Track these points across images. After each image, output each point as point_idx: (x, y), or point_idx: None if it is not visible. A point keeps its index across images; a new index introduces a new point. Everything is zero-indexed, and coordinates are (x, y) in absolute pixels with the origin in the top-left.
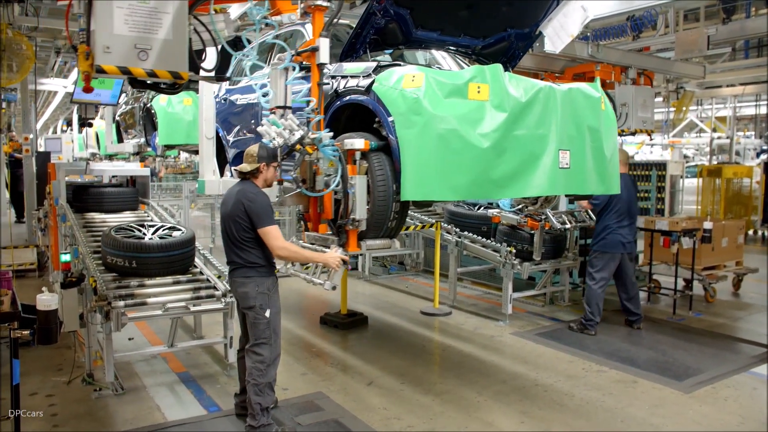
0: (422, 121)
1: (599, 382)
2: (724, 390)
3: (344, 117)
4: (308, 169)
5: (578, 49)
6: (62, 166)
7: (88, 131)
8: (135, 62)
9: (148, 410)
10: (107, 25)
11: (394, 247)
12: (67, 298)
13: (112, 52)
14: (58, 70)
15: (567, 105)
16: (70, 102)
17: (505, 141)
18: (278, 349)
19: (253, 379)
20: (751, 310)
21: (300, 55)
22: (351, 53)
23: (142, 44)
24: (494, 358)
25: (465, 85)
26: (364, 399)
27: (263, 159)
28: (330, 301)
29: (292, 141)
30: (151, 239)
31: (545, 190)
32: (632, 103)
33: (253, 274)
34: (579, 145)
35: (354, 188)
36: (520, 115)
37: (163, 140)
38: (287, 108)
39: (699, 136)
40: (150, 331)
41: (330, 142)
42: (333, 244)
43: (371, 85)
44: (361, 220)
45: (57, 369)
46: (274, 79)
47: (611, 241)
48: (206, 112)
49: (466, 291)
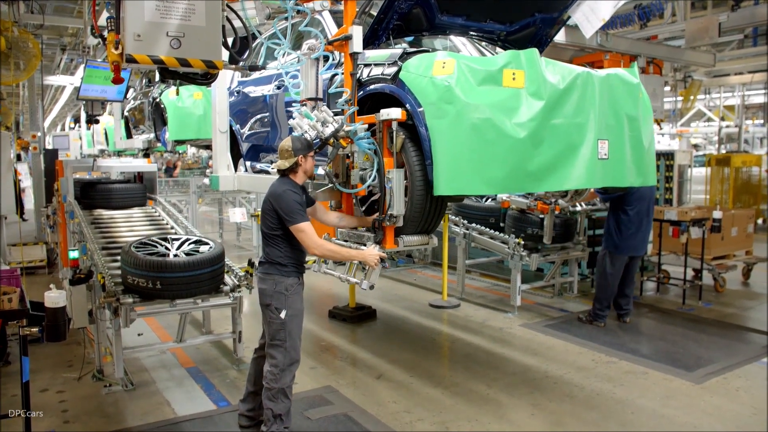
0: (454, 110)
1: (609, 373)
2: (735, 380)
3: (366, 108)
4: (341, 163)
5: (587, 37)
6: (70, 163)
7: (95, 128)
8: (167, 51)
9: (158, 405)
10: (138, 11)
11: (432, 243)
12: (76, 294)
13: (143, 40)
14: (65, 68)
15: (605, 92)
16: (77, 99)
17: (543, 131)
18: (295, 354)
19: (267, 383)
20: (761, 300)
21: (332, 44)
22: (373, 40)
23: (175, 32)
24: (504, 350)
25: (499, 71)
26: (373, 392)
27: (299, 151)
28: (338, 295)
29: (326, 134)
30: (176, 256)
31: (584, 183)
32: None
33: (273, 272)
34: (617, 135)
35: (391, 182)
36: (558, 102)
37: (174, 135)
38: (319, 100)
39: (707, 125)
40: (159, 327)
41: (365, 135)
42: (369, 241)
43: (398, 72)
44: (399, 215)
45: (67, 365)
46: (305, 70)
47: (628, 246)
48: (219, 105)
49: (475, 283)
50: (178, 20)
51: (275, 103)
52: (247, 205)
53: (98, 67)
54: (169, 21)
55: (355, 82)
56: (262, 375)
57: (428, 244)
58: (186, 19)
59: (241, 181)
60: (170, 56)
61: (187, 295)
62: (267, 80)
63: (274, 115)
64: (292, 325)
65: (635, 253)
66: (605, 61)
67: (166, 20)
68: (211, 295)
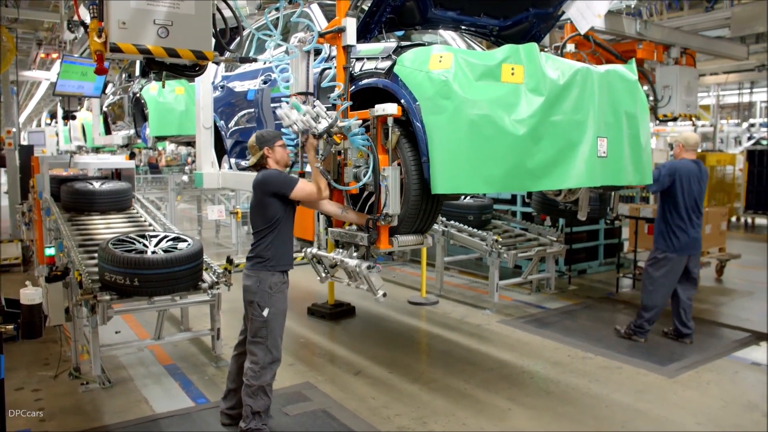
0: (452, 106)
1: (585, 368)
2: (706, 374)
3: (357, 104)
4: (333, 160)
5: (626, 25)
6: (46, 159)
7: (72, 123)
8: (154, 40)
9: (136, 403)
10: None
11: (426, 243)
12: (52, 292)
13: (128, 28)
14: (40, 63)
15: (604, 89)
16: (53, 94)
17: (542, 127)
18: (276, 353)
19: (247, 380)
20: (733, 296)
21: (324, 37)
22: (365, 34)
23: (163, 20)
24: (481, 346)
25: (498, 66)
26: (352, 389)
27: (264, 143)
28: (317, 292)
29: (319, 129)
30: (154, 252)
31: (583, 181)
32: (676, 85)
33: (258, 269)
34: (616, 133)
35: (387, 180)
36: (558, 99)
37: (155, 131)
38: (310, 94)
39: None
40: (137, 324)
41: (360, 131)
42: (362, 241)
43: (392, 66)
44: (394, 215)
45: (43, 363)
46: (296, 63)
47: (684, 242)
48: (204, 99)
49: (453, 280)
50: (166, 7)
51: (261, 98)
52: (226, 203)
53: (75, 63)
54: (157, 8)
55: (348, 76)
56: (242, 372)
57: (423, 244)
58: (174, 7)
59: (226, 179)
60: (157, 46)
61: (165, 292)
62: (253, 75)
63: (260, 110)
64: (274, 323)
65: (693, 251)
66: (638, 51)
67: (153, 7)
68: (190, 292)
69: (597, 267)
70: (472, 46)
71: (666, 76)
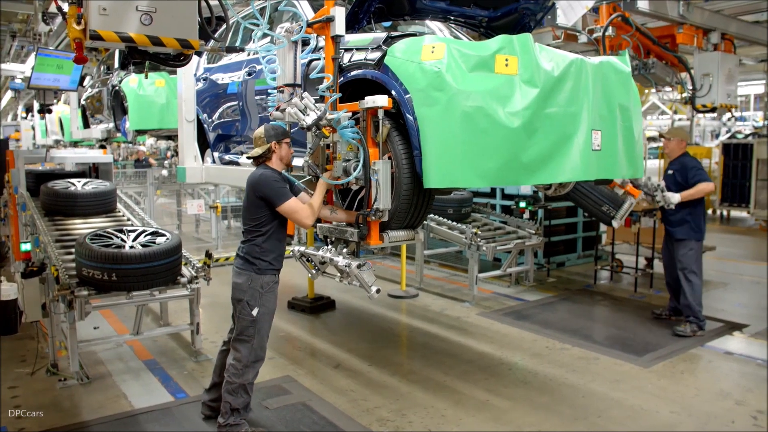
0: (445, 97)
1: (562, 359)
2: (680, 364)
3: (345, 96)
4: (321, 154)
5: (669, 7)
6: (21, 153)
7: (49, 117)
8: (137, 27)
9: (115, 398)
10: None
11: (417, 238)
12: (29, 287)
13: (110, 14)
14: (15, 55)
15: (598, 81)
16: (27, 87)
17: (537, 120)
18: (261, 352)
19: (228, 377)
20: (708, 287)
21: (312, 27)
22: (353, 24)
23: (146, 6)
24: (460, 338)
25: (492, 56)
26: (331, 381)
27: (273, 137)
28: (297, 286)
29: (307, 122)
30: (132, 247)
31: (579, 175)
32: (717, 73)
33: (249, 268)
34: (610, 125)
35: (377, 174)
36: (552, 91)
37: (135, 125)
38: (298, 86)
39: (660, 119)
40: (115, 320)
41: (350, 123)
42: (352, 237)
43: (383, 57)
44: (385, 209)
45: (20, 360)
46: (283, 54)
47: (702, 228)
48: (186, 92)
49: (433, 273)
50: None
51: (245, 90)
52: (205, 197)
53: (50, 55)
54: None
55: (336, 67)
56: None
57: (414, 239)
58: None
59: (209, 173)
60: (140, 33)
61: (143, 287)
62: (236, 66)
63: (244, 103)
64: (262, 322)
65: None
66: (678, 35)
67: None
68: (169, 286)
69: (575, 260)
70: (460, 37)
71: (706, 64)
